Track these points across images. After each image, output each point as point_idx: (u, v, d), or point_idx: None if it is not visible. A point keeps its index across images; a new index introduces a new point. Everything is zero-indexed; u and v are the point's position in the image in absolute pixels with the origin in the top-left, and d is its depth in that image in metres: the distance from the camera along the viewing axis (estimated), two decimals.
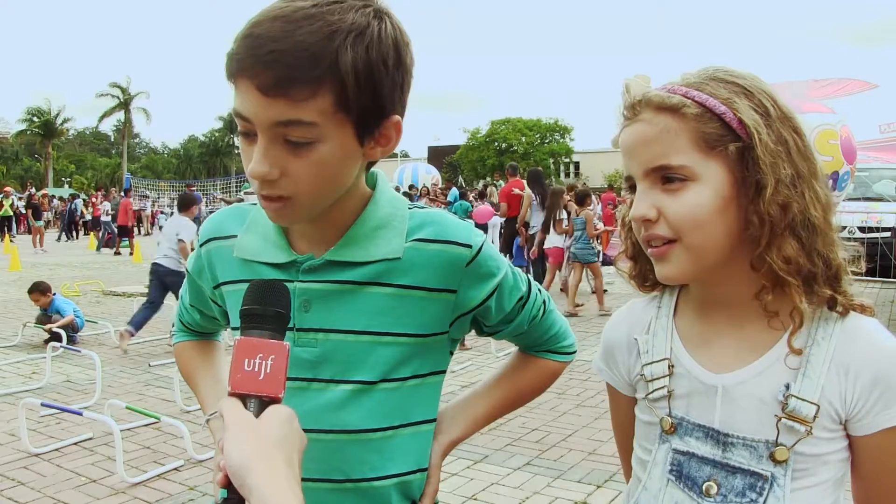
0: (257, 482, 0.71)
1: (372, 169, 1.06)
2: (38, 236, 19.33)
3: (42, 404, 4.33)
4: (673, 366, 1.00)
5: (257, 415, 0.78)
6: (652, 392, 1.01)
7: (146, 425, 4.58)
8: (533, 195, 10.22)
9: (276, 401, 0.79)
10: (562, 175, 47.05)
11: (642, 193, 0.94)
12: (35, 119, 58.07)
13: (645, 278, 1.06)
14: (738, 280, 0.95)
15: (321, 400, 0.99)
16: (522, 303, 1.11)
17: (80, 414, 4.06)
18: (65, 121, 60.02)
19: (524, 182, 10.92)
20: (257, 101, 0.86)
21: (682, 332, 1.02)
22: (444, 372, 1.09)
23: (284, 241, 1.03)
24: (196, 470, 3.96)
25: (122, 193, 21.71)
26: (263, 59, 0.84)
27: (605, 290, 9.46)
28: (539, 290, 1.16)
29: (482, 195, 19.15)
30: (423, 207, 1.08)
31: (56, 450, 4.23)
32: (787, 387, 0.92)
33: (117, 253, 18.29)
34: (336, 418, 0.99)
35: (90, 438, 4.40)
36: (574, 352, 1.22)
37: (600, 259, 15.38)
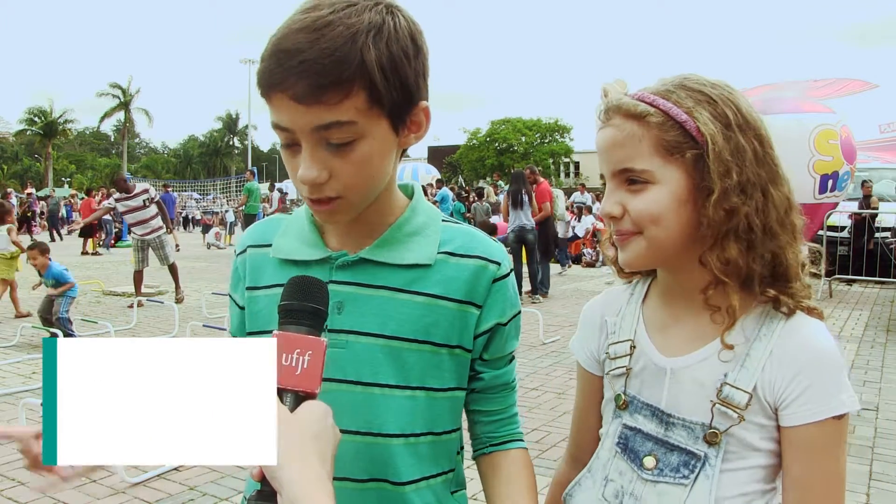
0: (289, 477, 0.72)
1: (408, 182, 1.11)
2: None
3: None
4: (634, 347, 1.09)
5: (293, 409, 0.78)
6: (613, 369, 1.10)
7: None
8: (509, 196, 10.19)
9: (311, 396, 0.80)
10: (562, 175, 47.09)
11: (609, 192, 1.02)
12: (36, 120, 58.09)
13: None
14: (694, 272, 1.02)
15: (349, 401, 1.00)
16: (511, 358, 1.13)
17: None
18: (66, 121, 60.00)
19: (546, 183, 10.97)
20: (295, 110, 0.89)
21: (646, 317, 1.11)
22: (466, 390, 1.10)
23: (319, 239, 1.06)
24: (196, 470, 3.95)
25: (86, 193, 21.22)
26: (295, 71, 0.87)
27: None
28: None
29: (480, 195, 19.14)
30: (457, 222, 1.11)
31: None
32: (725, 375, 0.99)
33: (95, 253, 18.29)
34: (361, 420, 1.00)
35: None
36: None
37: (599, 259, 15.40)
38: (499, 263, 1.06)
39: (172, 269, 9.79)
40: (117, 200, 9.49)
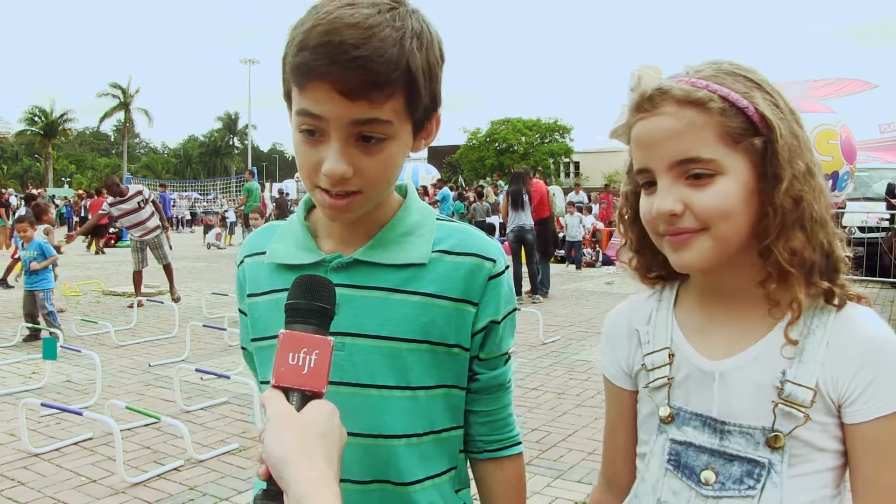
0: (295, 477, 0.72)
1: (401, 182, 1.11)
2: (2, 237, 19.31)
3: (42, 404, 4.33)
4: (673, 355, 1.02)
5: (299, 409, 0.78)
6: (653, 381, 1.03)
7: (146, 425, 4.58)
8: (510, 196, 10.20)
9: (318, 396, 0.80)
10: (562, 175, 47.03)
11: (666, 189, 0.93)
12: (37, 120, 58.04)
13: (648, 270, 1.08)
14: (742, 269, 0.96)
15: (348, 403, 0.99)
16: (507, 357, 1.12)
17: (80, 414, 4.06)
18: (66, 121, 59.94)
19: (541, 183, 10.98)
20: (338, 102, 0.90)
21: (681, 322, 1.04)
22: (465, 389, 1.09)
23: (312, 242, 1.06)
24: (196, 470, 3.96)
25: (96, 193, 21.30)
26: (346, 65, 0.88)
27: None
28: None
29: (479, 195, 19.13)
30: (451, 220, 1.10)
31: (56, 450, 4.23)
32: (784, 373, 0.93)
33: (99, 251, 18.32)
34: (361, 422, 1.00)
35: (90, 438, 4.40)
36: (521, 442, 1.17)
37: (599, 259, 15.37)
38: (494, 260, 1.05)
39: (167, 269, 9.82)
40: (111, 205, 9.42)
